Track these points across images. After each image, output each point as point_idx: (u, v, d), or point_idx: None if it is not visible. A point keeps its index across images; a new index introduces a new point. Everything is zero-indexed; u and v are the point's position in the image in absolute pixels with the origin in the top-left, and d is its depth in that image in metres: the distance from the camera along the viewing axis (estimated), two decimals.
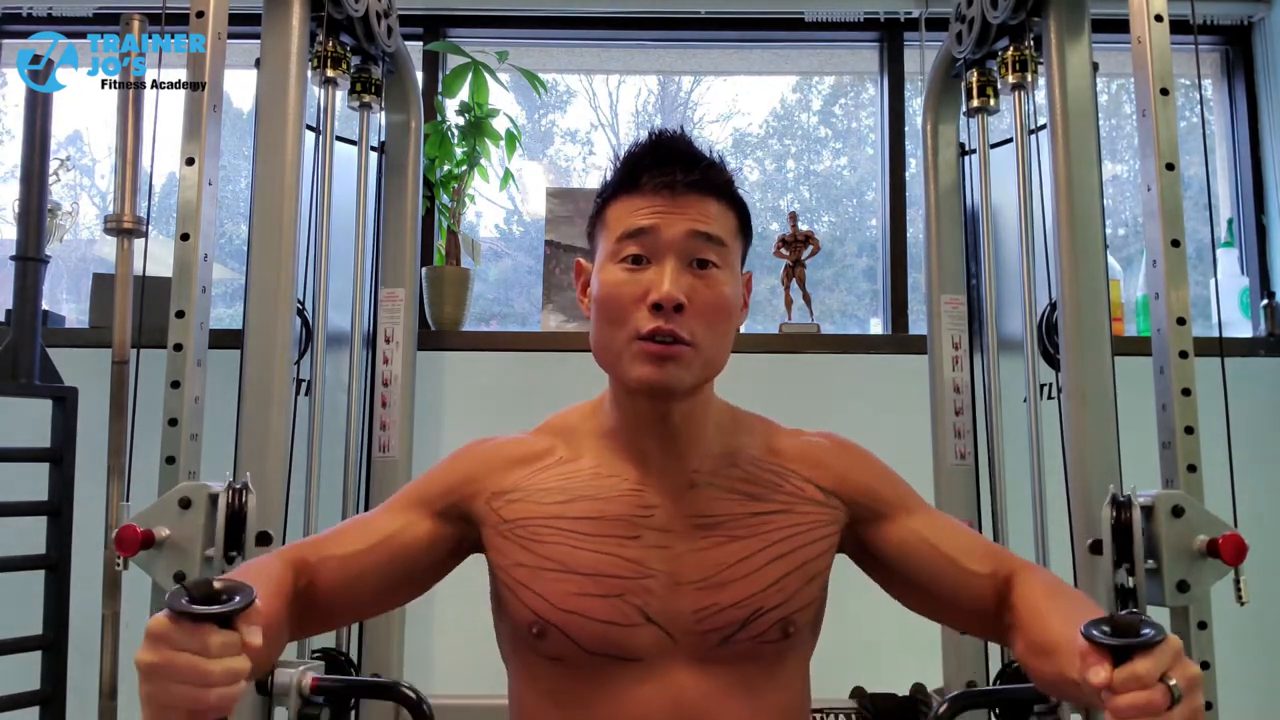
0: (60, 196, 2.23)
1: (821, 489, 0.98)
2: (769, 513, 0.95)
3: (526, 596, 0.92)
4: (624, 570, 0.91)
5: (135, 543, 1.26)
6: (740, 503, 0.95)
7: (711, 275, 0.91)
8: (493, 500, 0.96)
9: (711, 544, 0.93)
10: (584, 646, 0.90)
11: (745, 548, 0.93)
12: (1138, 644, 0.67)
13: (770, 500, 0.96)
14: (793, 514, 0.96)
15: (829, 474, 1.00)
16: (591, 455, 0.98)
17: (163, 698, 0.67)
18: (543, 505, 0.94)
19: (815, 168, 2.61)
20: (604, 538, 0.92)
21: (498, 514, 0.96)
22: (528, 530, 0.94)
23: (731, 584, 0.91)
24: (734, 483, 0.96)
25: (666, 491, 0.94)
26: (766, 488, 0.97)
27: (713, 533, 0.93)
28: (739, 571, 0.92)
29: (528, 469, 0.98)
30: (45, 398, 1.72)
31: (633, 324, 0.89)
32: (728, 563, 0.92)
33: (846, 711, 1.64)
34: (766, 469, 0.98)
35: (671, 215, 0.91)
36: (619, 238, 0.92)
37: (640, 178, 0.93)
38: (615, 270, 0.92)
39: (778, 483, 0.97)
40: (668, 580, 0.91)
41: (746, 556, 0.93)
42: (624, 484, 0.95)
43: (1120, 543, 1.31)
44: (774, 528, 0.94)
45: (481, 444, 1.03)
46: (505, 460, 0.99)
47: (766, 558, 0.93)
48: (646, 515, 0.93)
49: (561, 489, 0.95)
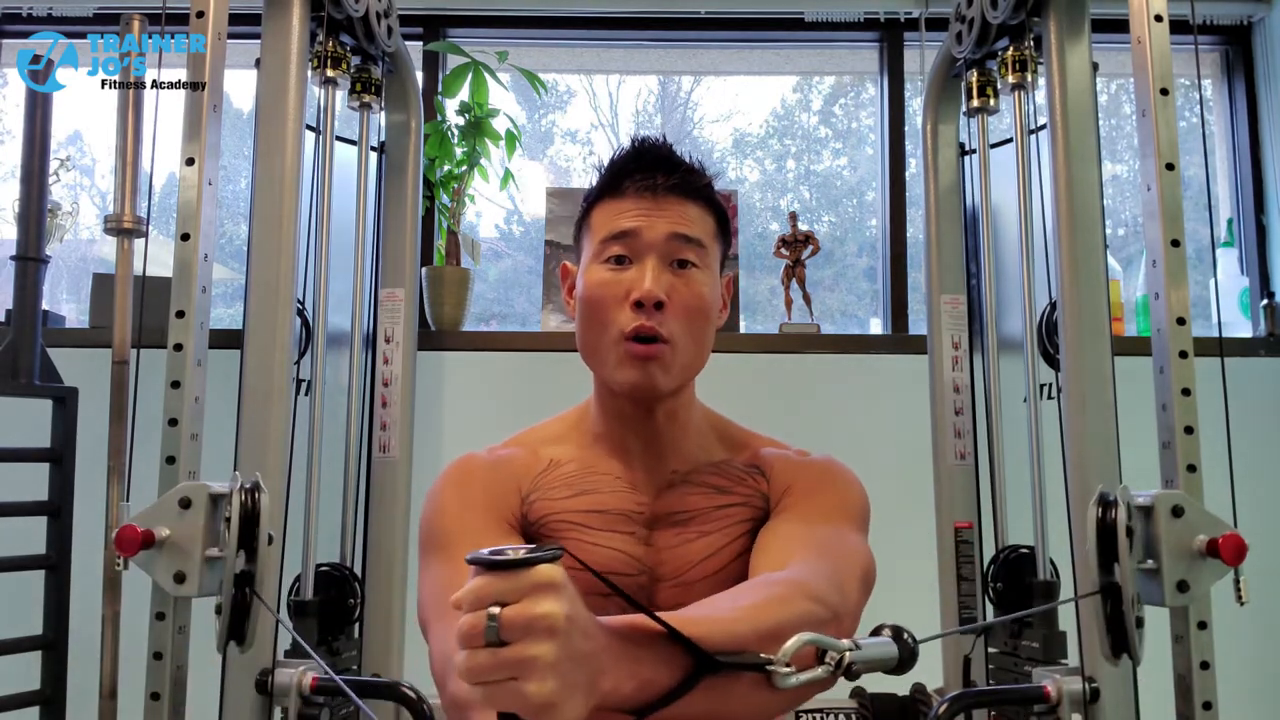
0: (60, 196, 2.23)
1: (768, 484, 1.01)
2: (730, 505, 0.98)
3: None
4: (625, 566, 0.95)
5: (135, 543, 1.25)
6: (709, 496, 0.99)
7: (691, 275, 0.95)
8: (527, 500, 1.00)
9: (682, 540, 0.96)
10: None
11: (711, 543, 0.96)
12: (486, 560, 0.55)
13: (732, 493, 0.99)
14: (750, 507, 0.99)
15: (777, 473, 1.01)
16: (582, 456, 1.01)
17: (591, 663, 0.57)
18: (556, 501, 0.98)
19: (815, 168, 2.61)
20: (609, 532, 0.96)
21: (526, 516, 0.98)
22: (550, 528, 0.97)
23: (698, 582, 0.95)
24: (705, 477, 1.00)
25: (650, 491, 0.99)
26: (732, 481, 1.00)
27: (685, 529, 0.97)
28: (705, 569, 0.95)
29: (535, 471, 1.01)
30: (45, 398, 1.71)
31: (617, 323, 0.93)
32: (695, 560, 0.95)
33: (846, 711, 1.64)
34: (733, 465, 1.02)
35: (653, 217, 0.94)
36: (603, 239, 0.96)
37: (624, 182, 0.97)
38: (599, 270, 0.96)
39: (741, 477, 1.01)
40: (651, 578, 0.96)
41: (713, 553, 0.96)
42: (618, 481, 0.99)
43: (1105, 542, 1.30)
44: (734, 521, 0.97)
45: (487, 456, 1.03)
46: (517, 466, 1.02)
47: (730, 554, 0.96)
48: (639, 511, 0.97)
49: (567, 484, 0.99)
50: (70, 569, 1.69)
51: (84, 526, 1.73)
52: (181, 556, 1.29)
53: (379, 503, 1.85)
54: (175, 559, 1.29)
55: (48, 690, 1.65)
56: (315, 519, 1.69)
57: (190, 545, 1.30)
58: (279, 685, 1.30)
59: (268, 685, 1.31)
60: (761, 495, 1.00)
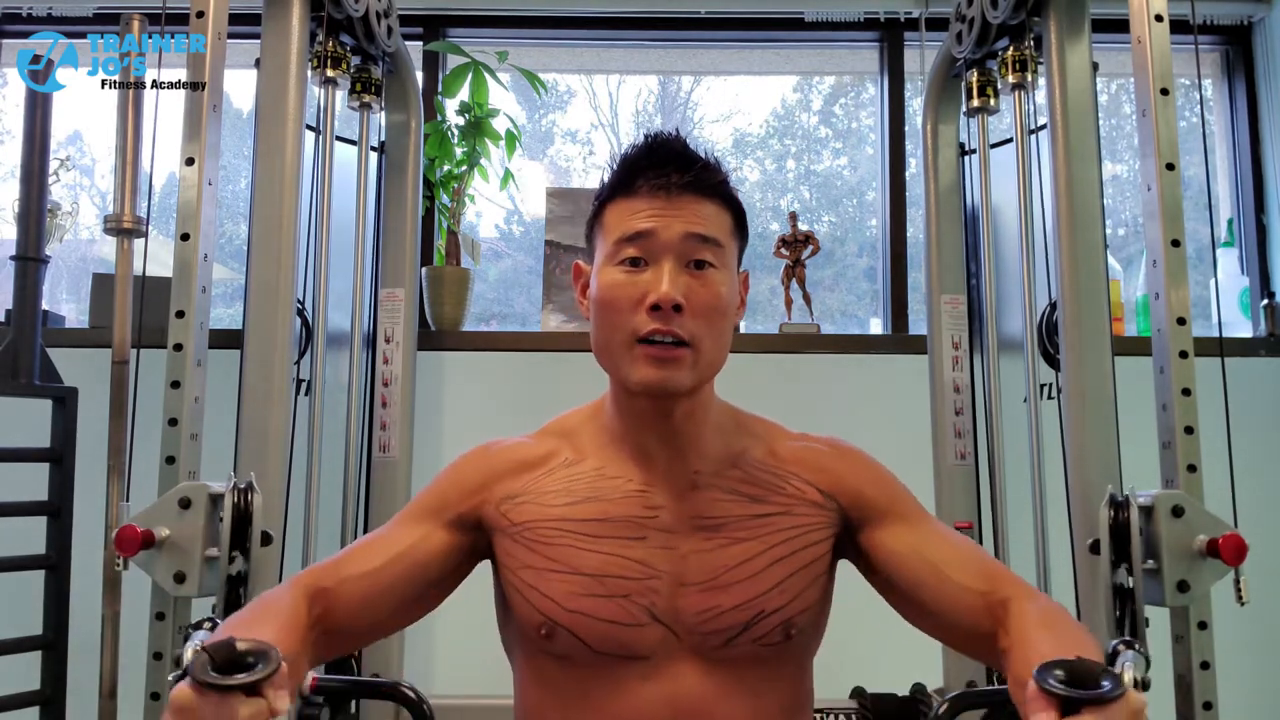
0: (60, 196, 2.23)
1: (821, 491, 0.99)
2: (769, 514, 0.96)
3: (534, 598, 0.93)
4: (630, 571, 0.92)
5: (135, 543, 1.26)
6: (741, 504, 0.96)
7: (708, 276, 0.92)
8: (501, 505, 0.97)
9: (714, 546, 0.93)
10: (591, 646, 0.91)
11: (747, 550, 0.94)
12: (1088, 698, 0.63)
13: (770, 502, 0.97)
14: (792, 515, 0.96)
15: (827, 477, 1.00)
16: (595, 457, 0.98)
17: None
18: (549, 508, 0.95)
19: (815, 168, 2.61)
20: (610, 539, 0.93)
21: (506, 518, 0.97)
22: (535, 533, 0.95)
23: (733, 586, 0.92)
24: (735, 484, 0.97)
25: (670, 492, 0.95)
26: (766, 489, 0.97)
27: (715, 535, 0.94)
28: (741, 574, 0.93)
29: (533, 473, 0.98)
30: (45, 398, 1.71)
31: (632, 326, 0.91)
32: (730, 565, 0.93)
33: (846, 711, 1.64)
34: (767, 471, 0.99)
35: (668, 217, 0.92)
36: (617, 240, 0.93)
37: (636, 180, 0.94)
38: (614, 272, 0.93)
39: (778, 484, 0.98)
40: (672, 581, 0.92)
41: (748, 559, 0.93)
42: (629, 485, 0.96)
43: (1118, 543, 1.30)
44: (774, 529, 0.95)
45: (486, 449, 1.03)
46: (511, 464, 1.00)
47: (768, 560, 0.94)
48: (652, 516, 0.94)
49: (567, 490, 0.96)
50: (70, 569, 1.69)
51: (84, 526, 1.72)
52: (181, 556, 1.30)
53: (379, 503, 1.85)
54: (175, 559, 1.30)
55: (48, 690, 1.65)
56: (315, 519, 1.69)
57: (190, 545, 1.30)
58: None
59: None
60: (809, 504, 0.97)
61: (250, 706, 0.66)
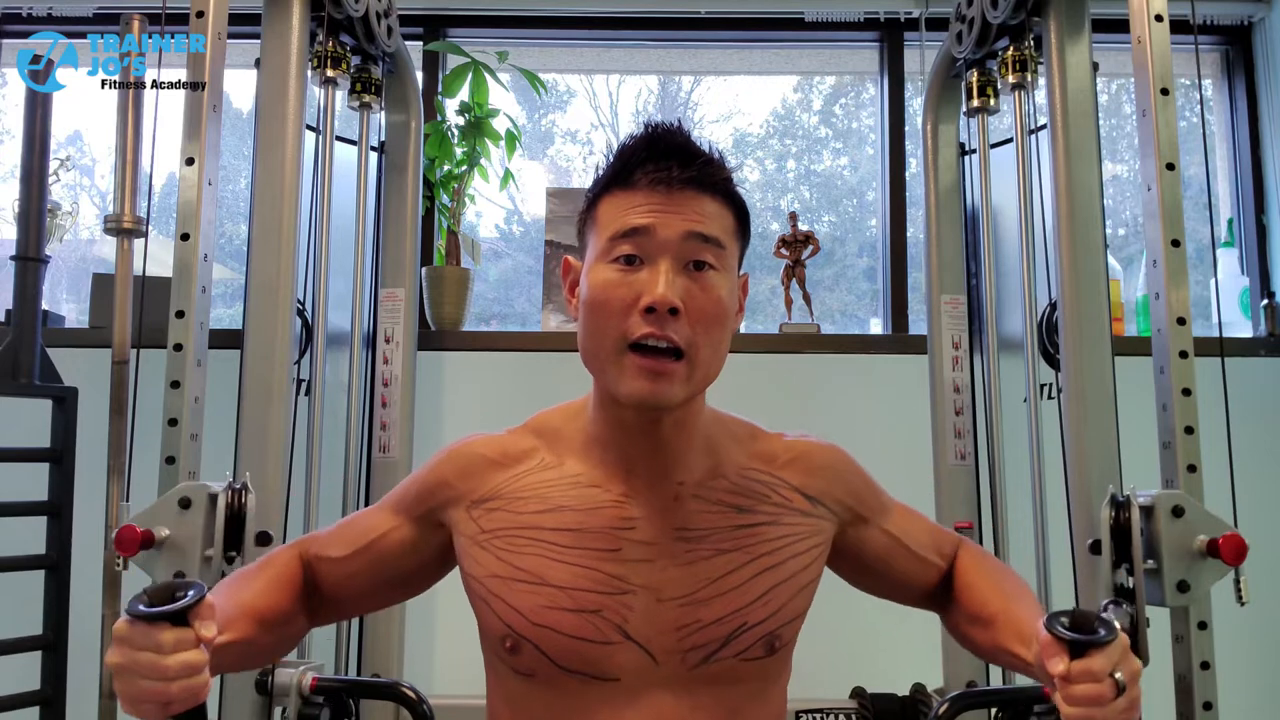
0: (60, 196, 2.23)
1: (808, 498, 0.96)
2: (756, 524, 0.92)
3: (499, 608, 0.89)
4: (602, 585, 0.87)
5: (135, 543, 1.26)
6: (726, 515, 0.91)
7: (708, 278, 0.86)
8: (472, 509, 0.93)
9: (696, 558, 0.89)
10: (557, 662, 0.87)
11: (731, 561, 0.89)
12: (1094, 641, 0.75)
13: (757, 512, 0.92)
14: (780, 525, 0.93)
15: (815, 481, 0.97)
16: (574, 462, 0.93)
17: (132, 693, 0.72)
18: (520, 515, 0.91)
19: (815, 168, 2.61)
20: (582, 550, 0.88)
21: (476, 523, 0.92)
22: (504, 540, 0.90)
23: (714, 599, 0.88)
24: (720, 494, 0.92)
25: (651, 504, 0.90)
26: (754, 498, 0.93)
27: (698, 546, 0.89)
28: (723, 586, 0.88)
29: (508, 472, 0.94)
30: (45, 398, 1.72)
31: (623, 329, 0.84)
32: (712, 577, 0.88)
33: (846, 711, 1.64)
34: (754, 478, 0.94)
35: (667, 214, 0.85)
36: (611, 236, 0.87)
37: (634, 173, 0.87)
38: (606, 270, 0.86)
39: (765, 493, 0.94)
40: (649, 596, 0.88)
41: (732, 570, 0.89)
42: (606, 495, 0.90)
43: (1119, 543, 1.31)
44: (761, 539, 0.91)
45: (463, 446, 0.98)
46: (485, 464, 0.95)
47: (753, 571, 0.89)
48: (628, 528, 0.89)
49: (541, 497, 0.91)
50: (70, 569, 1.70)
51: (84, 526, 1.73)
52: (181, 556, 1.30)
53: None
54: (175, 559, 1.30)
55: (48, 690, 1.65)
56: (315, 519, 1.69)
57: (190, 545, 1.30)
58: (279, 685, 1.30)
59: (268, 685, 1.32)
60: (797, 512, 0.95)
61: (175, 634, 0.72)
